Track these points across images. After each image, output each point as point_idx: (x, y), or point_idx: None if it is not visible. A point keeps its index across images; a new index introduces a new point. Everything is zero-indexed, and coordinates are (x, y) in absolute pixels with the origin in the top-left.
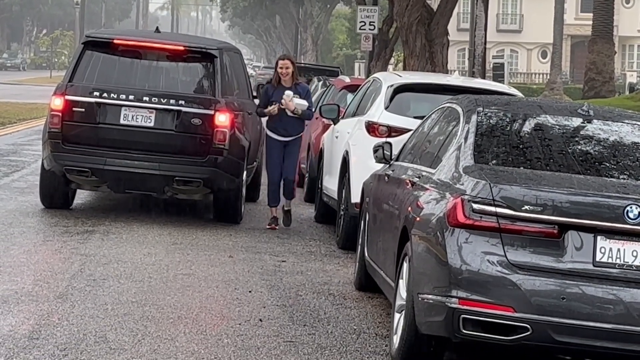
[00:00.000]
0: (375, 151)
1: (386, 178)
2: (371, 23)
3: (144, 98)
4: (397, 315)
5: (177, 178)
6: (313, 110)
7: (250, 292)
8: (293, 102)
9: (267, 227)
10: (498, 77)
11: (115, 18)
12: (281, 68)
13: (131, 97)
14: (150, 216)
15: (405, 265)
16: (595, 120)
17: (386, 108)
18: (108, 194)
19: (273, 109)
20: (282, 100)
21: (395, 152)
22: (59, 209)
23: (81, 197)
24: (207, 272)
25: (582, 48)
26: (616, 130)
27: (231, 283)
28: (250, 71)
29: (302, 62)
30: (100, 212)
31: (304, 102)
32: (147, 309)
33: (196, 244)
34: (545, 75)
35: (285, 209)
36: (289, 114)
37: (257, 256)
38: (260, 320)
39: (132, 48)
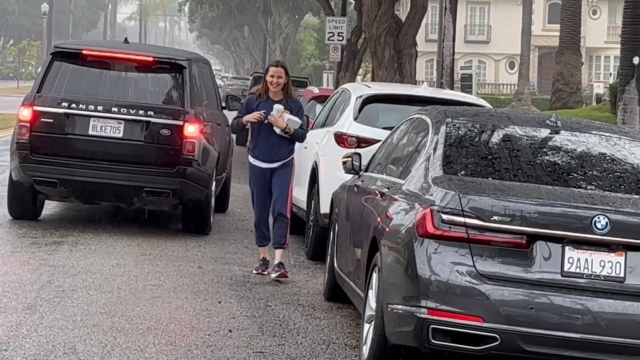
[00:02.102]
0: (344, 162)
1: (355, 189)
2: (340, 34)
3: (113, 109)
4: (366, 326)
5: (146, 189)
6: (305, 129)
7: (219, 302)
8: (284, 118)
9: (255, 271)
10: (466, 87)
11: (83, 28)
12: (272, 77)
13: (100, 107)
14: (119, 227)
15: (374, 276)
16: (563, 131)
17: (355, 119)
18: (77, 205)
19: (254, 116)
20: (270, 117)
21: (364, 162)
22: (27, 220)
23: (49, 207)
24: (176, 283)
25: (550, 59)
26: (584, 141)
27: (200, 294)
28: (218, 82)
29: None
30: (68, 223)
31: (297, 120)
32: (116, 320)
33: (165, 255)
34: (513, 86)
35: (276, 261)
36: (278, 132)
37: (226, 267)
38: (230, 330)
39: (100, 59)
